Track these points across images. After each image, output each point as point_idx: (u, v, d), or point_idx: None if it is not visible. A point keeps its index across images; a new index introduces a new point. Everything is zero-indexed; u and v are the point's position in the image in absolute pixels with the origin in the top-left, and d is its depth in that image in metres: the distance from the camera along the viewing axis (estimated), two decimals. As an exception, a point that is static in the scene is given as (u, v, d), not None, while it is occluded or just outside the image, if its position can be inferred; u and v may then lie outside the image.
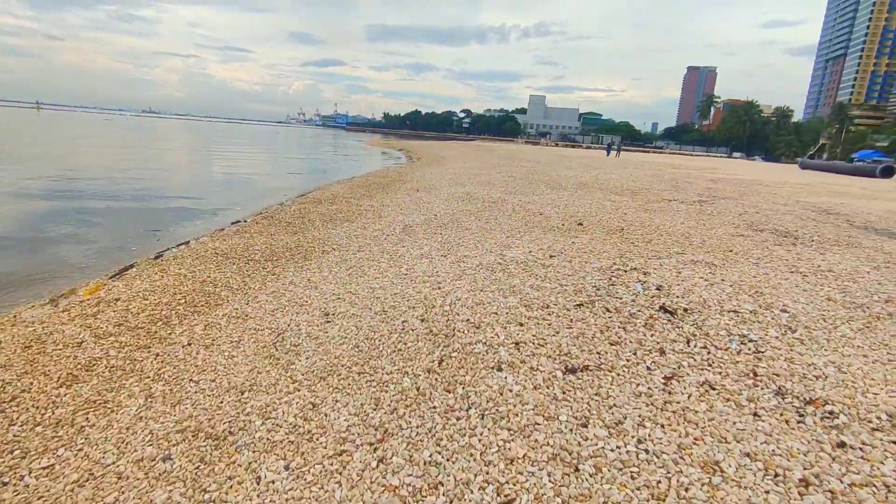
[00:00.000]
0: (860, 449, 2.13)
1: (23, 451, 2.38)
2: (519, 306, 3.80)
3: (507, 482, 2.04)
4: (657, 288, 4.08)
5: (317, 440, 2.40)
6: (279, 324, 3.83)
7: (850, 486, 1.92)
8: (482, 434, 2.33)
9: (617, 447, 2.19)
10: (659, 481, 1.99)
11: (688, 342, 3.17)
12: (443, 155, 32.60)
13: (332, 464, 2.23)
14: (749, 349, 3.05)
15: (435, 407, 2.58)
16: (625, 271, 4.60)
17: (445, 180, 14.31)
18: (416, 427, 2.43)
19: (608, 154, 40.11)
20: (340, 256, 5.82)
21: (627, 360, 2.95)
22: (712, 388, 2.63)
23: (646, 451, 2.15)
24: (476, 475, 2.09)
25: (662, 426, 2.32)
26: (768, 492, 1.92)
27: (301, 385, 2.92)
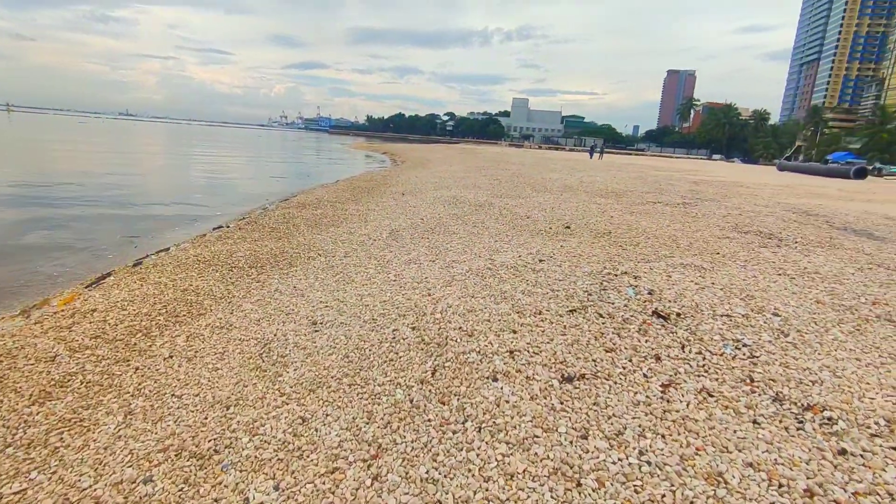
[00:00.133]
0: (861, 456, 2.11)
1: (-8, 477, 2.23)
2: (511, 313, 3.74)
3: (508, 499, 1.97)
4: (649, 292, 4.06)
5: (307, 457, 2.30)
6: (265, 334, 3.71)
7: (854, 496, 1.90)
8: (480, 448, 2.26)
9: (619, 459, 2.13)
10: (663, 495, 1.93)
11: (682, 348, 3.14)
12: (427, 158, 32.52)
13: (325, 482, 2.13)
14: (744, 354, 3.03)
15: (430, 420, 2.50)
16: (615, 275, 4.58)
17: (431, 184, 14.23)
18: (411, 442, 2.35)
19: (591, 156, 40.44)
20: (327, 262, 5.71)
21: (624, 368, 2.91)
22: (710, 396, 2.60)
23: (648, 464, 2.09)
24: (475, 492, 2.01)
25: (663, 436, 2.27)
26: (773, 503, 1.88)
27: (290, 398, 2.82)
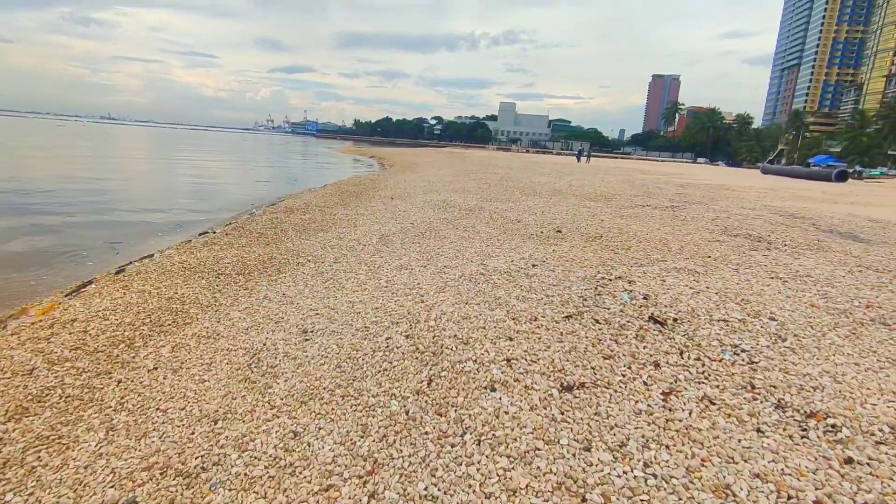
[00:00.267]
0: (867, 465, 2.07)
1: (-37, 501, 2.10)
2: (507, 319, 3.68)
3: (511, 516, 1.89)
4: (644, 297, 4.02)
5: (300, 474, 2.20)
6: (254, 343, 3.60)
7: (864, 506, 1.86)
8: (480, 462, 2.18)
9: (624, 472, 2.07)
10: (671, 509, 1.87)
11: (681, 354, 3.10)
12: (416, 162, 32.45)
13: (319, 501, 2.03)
14: (743, 360, 2.99)
15: (427, 433, 2.41)
16: (609, 280, 4.54)
17: (420, 188, 14.16)
18: (409, 456, 2.26)
19: (579, 160, 40.73)
20: (316, 268, 5.59)
21: (623, 375, 2.85)
22: (712, 403, 2.55)
23: (654, 476, 2.03)
24: (477, 510, 1.93)
25: (667, 447, 2.21)
26: (783, 516, 1.83)
27: (280, 411, 2.71)
